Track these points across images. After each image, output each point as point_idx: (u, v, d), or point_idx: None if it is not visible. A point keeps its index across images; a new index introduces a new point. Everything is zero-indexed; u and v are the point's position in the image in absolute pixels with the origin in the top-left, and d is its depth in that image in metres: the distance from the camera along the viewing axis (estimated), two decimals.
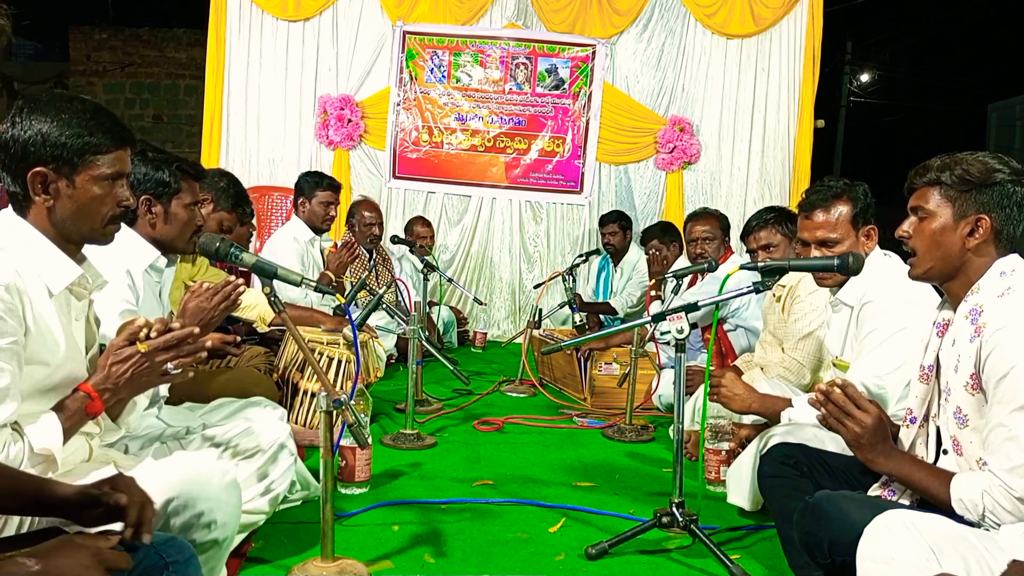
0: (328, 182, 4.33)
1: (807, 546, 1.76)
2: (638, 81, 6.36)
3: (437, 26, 6.24)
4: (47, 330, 1.52)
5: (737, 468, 2.51)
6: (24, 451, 1.46)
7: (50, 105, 1.56)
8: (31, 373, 1.49)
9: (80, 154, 1.56)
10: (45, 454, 1.49)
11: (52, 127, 1.54)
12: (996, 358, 1.56)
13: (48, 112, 1.55)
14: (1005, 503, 1.53)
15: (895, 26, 18.00)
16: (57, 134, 1.54)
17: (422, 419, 3.54)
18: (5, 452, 1.42)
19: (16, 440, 1.45)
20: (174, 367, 1.64)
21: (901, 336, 2.25)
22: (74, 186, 1.57)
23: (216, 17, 6.21)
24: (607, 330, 4.54)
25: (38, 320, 1.50)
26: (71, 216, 1.58)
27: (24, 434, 1.47)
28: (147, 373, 1.61)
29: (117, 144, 1.61)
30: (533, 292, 6.01)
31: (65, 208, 1.57)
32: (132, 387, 1.63)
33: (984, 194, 1.68)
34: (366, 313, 3.31)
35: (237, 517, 1.66)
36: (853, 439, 1.74)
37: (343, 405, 1.88)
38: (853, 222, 2.47)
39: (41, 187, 1.55)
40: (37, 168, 1.54)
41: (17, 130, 1.54)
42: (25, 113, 1.55)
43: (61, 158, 1.54)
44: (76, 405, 1.57)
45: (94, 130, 1.57)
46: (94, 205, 1.59)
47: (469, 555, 2.21)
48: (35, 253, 1.54)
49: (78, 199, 1.57)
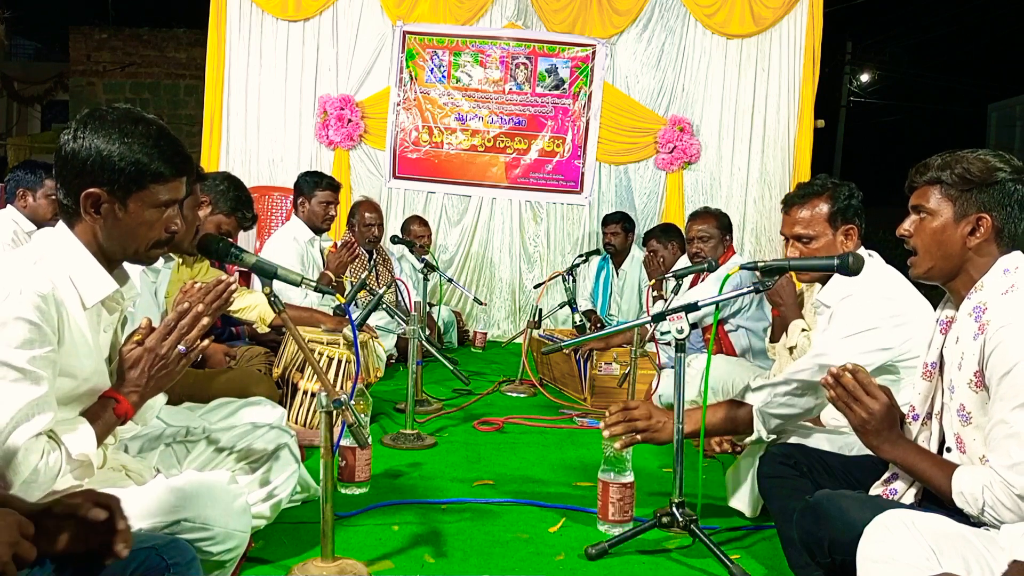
0: (328, 182, 4.33)
1: (807, 546, 1.76)
2: (638, 81, 6.36)
3: (437, 26, 6.24)
4: (79, 342, 1.53)
5: (736, 473, 2.51)
6: (62, 458, 1.47)
7: (115, 125, 1.54)
8: (59, 384, 1.49)
9: (137, 181, 1.54)
10: (82, 460, 1.50)
11: (113, 149, 1.52)
12: (999, 355, 1.57)
13: (111, 132, 1.53)
14: (1005, 500, 1.53)
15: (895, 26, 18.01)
16: (117, 158, 1.52)
17: (422, 419, 3.54)
18: (45, 460, 1.43)
19: (54, 448, 1.46)
20: (186, 348, 1.64)
21: (871, 335, 2.24)
22: (126, 210, 1.56)
23: (216, 17, 6.22)
24: (607, 330, 4.54)
25: (72, 332, 1.51)
26: (117, 237, 1.58)
27: (61, 442, 1.48)
28: (163, 365, 1.63)
29: (176, 174, 1.60)
30: (533, 292, 6.01)
31: (112, 229, 1.57)
32: (155, 383, 1.64)
33: (985, 193, 1.68)
34: (366, 313, 3.31)
35: (246, 540, 1.68)
36: (860, 424, 1.75)
37: (343, 405, 1.88)
38: (830, 220, 2.48)
39: (92, 207, 1.54)
40: (91, 189, 1.53)
41: (77, 145, 1.52)
42: (88, 129, 1.53)
43: (117, 183, 1.53)
44: (105, 410, 1.58)
45: (155, 158, 1.55)
46: (142, 230, 1.59)
47: (469, 555, 2.21)
48: (74, 266, 1.55)
49: (127, 223, 1.57)
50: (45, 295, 1.44)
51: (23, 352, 1.40)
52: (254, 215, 3.31)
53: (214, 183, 3.11)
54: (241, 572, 2.01)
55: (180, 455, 2.02)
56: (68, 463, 1.48)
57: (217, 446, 2.05)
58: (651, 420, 2.24)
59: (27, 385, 1.40)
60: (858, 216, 2.51)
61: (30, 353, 1.41)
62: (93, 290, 1.56)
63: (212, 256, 2.05)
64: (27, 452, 1.39)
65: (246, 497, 1.75)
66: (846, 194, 2.49)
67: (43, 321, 1.43)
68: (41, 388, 1.42)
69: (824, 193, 2.50)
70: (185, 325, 1.65)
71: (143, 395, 1.63)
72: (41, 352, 1.42)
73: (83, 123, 1.54)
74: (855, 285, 2.29)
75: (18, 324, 1.40)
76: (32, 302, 1.42)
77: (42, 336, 1.43)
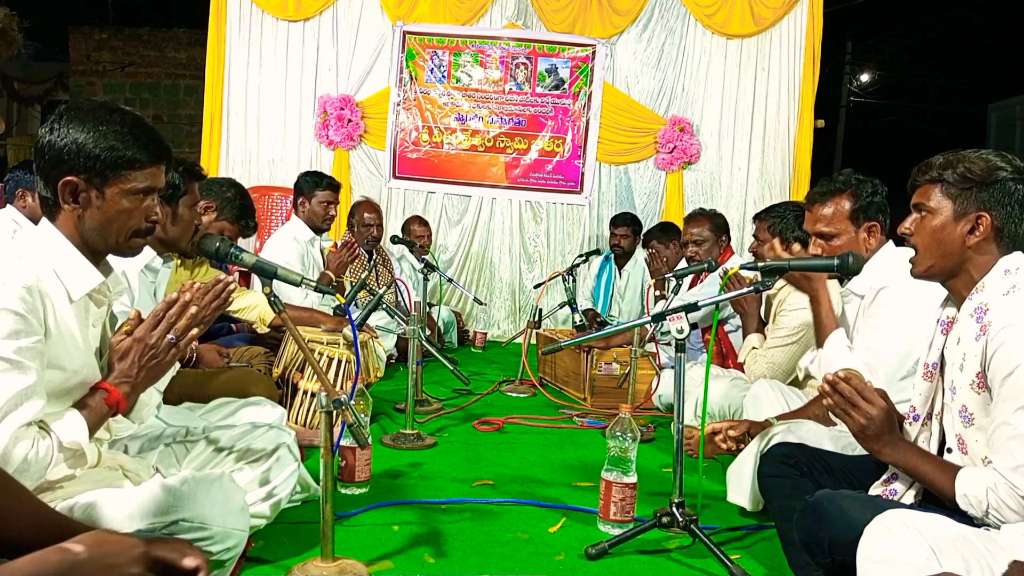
0: (328, 182, 4.33)
1: (807, 545, 1.76)
2: (638, 81, 6.36)
3: (437, 26, 6.25)
4: (66, 335, 1.53)
5: (738, 466, 2.51)
6: (53, 447, 1.47)
7: (89, 115, 1.57)
8: (48, 377, 1.49)
9: (113, 167, 1.56)
10: (74, 448, 1.50)
11: (88, 137, 1.54)
12: (1001, 356, 1.56)
13: (86, 121, 1.55)
14: (1010, 501, 1.53)
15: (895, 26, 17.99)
16: (92, 145, 1.54)
17: (422, 419, 3.54)
18: (35, 449, 1.43)
19: (44, 436, 1.46)
20: (174, 337, 1.65)
21: (907, 328, 2.24)
22: (104, 198, 1.58)
23: (216, 17, 6.22)
24: (607, 330, 4.54)
25: (59, 324, 1.51)
26: (97, 227, 1.59)
27: (51, 430, 1.48)
28: (153, 355, 1.63)
29: (152, 160, 1.61)
30: (533, 292, 6.01)
31: (92, 218, 1.58)
32: (147, 374, 1.64)
33: (985, 192, 1.68)
34: (366, 313, 3.31)
35: (244, 540, 1.68)
36: (859, 430, 1.74)
37: (343, 405, 1.88)
38: (852, 217, 2.46)
39: (71, 196, 1.56)
40: (68, 177, 1.54)
41: (54, 136, 1.55)
42: (64, 120, 1.56)
43: (93, 169, 1.55)
44: (96, 400, 1.58)
45: (130, 144, 1.57)
46: (121, 218, 1.60)
47: (469, 555, 2.20)
48: (59, 259, 1.55)
49: (106, 211, 1.58)
50: (30, 287, 1.44)
51: (10, 342, 1.40)
52: (256, 224, 3.31)
53: (221, 189, 3.11)
54: (241, 572, 2.00)
55: (179, 455, 2.02)
56: (60, 451, 1.48)
57: (217, 446, 2.05)
58: None
59: (15, 375, 1.41)
60: (882, 212, 2.49)
61: (17, 343, 1.41)
62: (79, 283, 1.57)
63: (212, 256, 2.05)
64: (16, 440, 1.40)
65: (244, 496, 1.74)
66: (869, 191, 2.47)
67: (28, 312, 1.43)
68: (29, 377, 1.42)
69: (847, 190, 2.48)
70: (174, 314, 1.65)
71: (134, 386, 1.63)
72: (28, 342, 1.43)
73: (60, 116, 1.57)
74: (890, 276, 2.29)
75: (3, 315, 1.41)
76: (16, 293, 1.42)
77: (28, 326, 1.43)
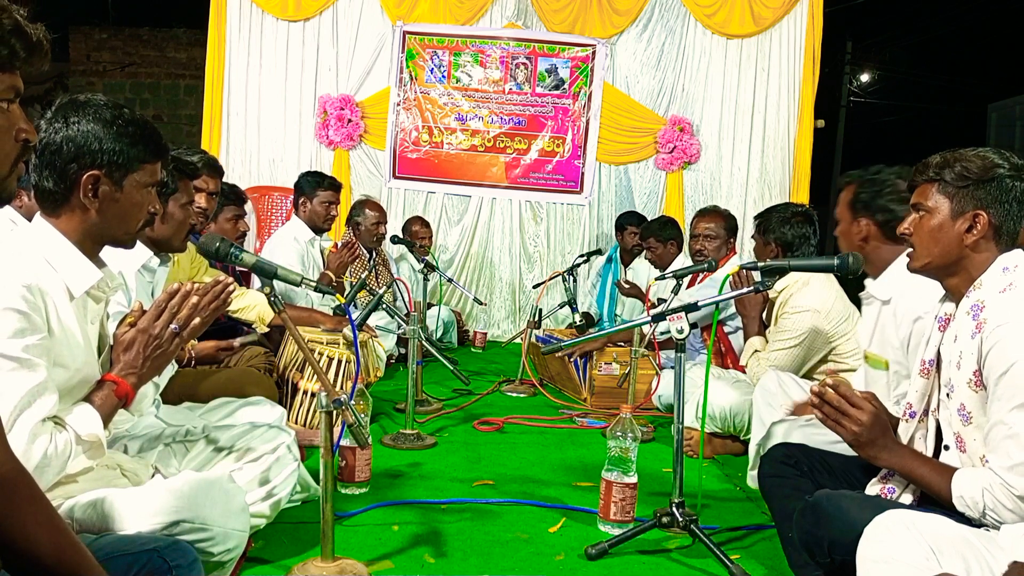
0: (329, 182, 4.33)
1: (807, 545, 1.76)
2: (638, 81, 6.36)
3: (437, 26, 6.24)
4: (68, 333, 1.54)
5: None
6: (71, 440, 1.48)
7: (102, 110, 1.60)
8: (54, 375, 1.49)
9: (131, 161, 1.61)
10: (92, 440, 1.52)
11: (107, 132, 1.58)
12: (997, 354, 1.56)
13: (100, 116, 1.59)
14: (1006, 501, 1.53)
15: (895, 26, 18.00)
16: (112, 139, 1.58)
17: (422, 419, 3.54)
18: (53, 444, 1.44)
19: (60, 430, 1.47)
20: (178, 327, 1.67)
21: None
22: (122, 191, 1.62)
23: (216, 17, 6.22)
24: (607, 330, 4.54)
25: (60, 322, 1.52)
26: (113, 220, 1.62)
27: (67, 424, 1.49)
28: (157, 345, 1.65)
29: (161, 155, 1.69)
30: (533, 292, 6.01)
31: (107, 212, 1.61)
32: (152, 364, 1.67)
33: (982, 189, 1.67)
34: (366, 313, 3.31)
35: (244, 540, 1.69)
36: (853, 438, 1.74)
37: (343, 405, 1.88)
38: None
39: (92, 190, 1.58)
40: (92, 171, 1.57)
41: (71, 131, 1.57)
42: (76, 114, 1.58)
43: (114, 163, 1.59)
44: (105, 393, 1.59)
45: (141, 140, 1.63)
46: (134, 211, 1.65)
47: (469, 555, 2.21)
48: (57, 256, 1.56)
49: (124, 204, 1.62)
50: (30, 285, 1.45)
51: (16, 341, 1.41)
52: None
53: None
54: (241, 572, 2.01)
55: (179, 454, 2.02)
56: (79, 443, 1.49)
57: (216, 445, 2.05)
58: None
59: (25, 373, 1.41)
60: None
61: (23, 342, 1.41)
62: (79, 280, 1.57)
63: (212, 256, 2.05)
64: (34, 437, 1.40)
65: (244, 496, 1.75)
66: None
67: (31, 310, 1.43)
68: (39, 375, 1.42)
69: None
70: (176, 304, 1.67)
71: (140, 376, 1.65)
72: (34, 340, 1.43)
73: (65, 111, 1.58)
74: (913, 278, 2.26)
75: (7, 314, 1.40)
76: (18, 292, 1.43)
77: (32, 324, 1.43)
